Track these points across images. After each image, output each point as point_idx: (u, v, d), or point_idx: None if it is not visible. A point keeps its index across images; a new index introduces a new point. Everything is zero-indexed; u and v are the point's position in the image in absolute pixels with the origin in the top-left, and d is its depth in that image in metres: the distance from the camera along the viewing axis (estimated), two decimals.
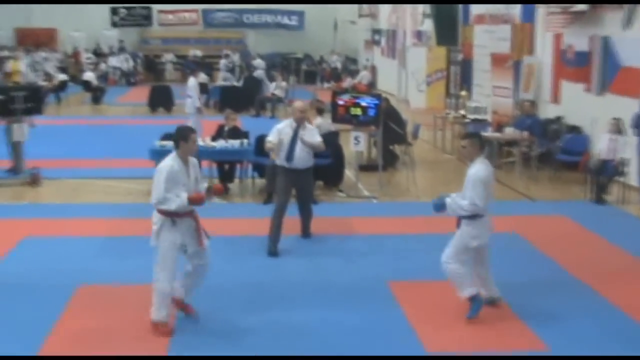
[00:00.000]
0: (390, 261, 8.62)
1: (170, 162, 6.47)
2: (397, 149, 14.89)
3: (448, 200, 6.77)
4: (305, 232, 9.61)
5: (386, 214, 10.95)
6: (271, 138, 9.40)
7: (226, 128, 12.72)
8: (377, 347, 6.29)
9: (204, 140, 12.21)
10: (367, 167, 13.81)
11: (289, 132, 9.15)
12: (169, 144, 11.92)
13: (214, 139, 12.41)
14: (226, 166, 12.41)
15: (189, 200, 6.43)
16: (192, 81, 16.82)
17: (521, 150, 14.13)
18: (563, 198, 12.15)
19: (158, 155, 11.85)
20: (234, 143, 12.12)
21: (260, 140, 12.50)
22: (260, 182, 12.30)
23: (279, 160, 9.23)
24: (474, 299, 6.82)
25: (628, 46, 12.89)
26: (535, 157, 13.94)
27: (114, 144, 16.84)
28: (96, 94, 26.03)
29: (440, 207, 6.81)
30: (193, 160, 6.64)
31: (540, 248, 9.24)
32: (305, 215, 9.57)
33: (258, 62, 30.56)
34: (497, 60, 17.81)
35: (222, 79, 27.42)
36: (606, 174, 11.77)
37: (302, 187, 9.39)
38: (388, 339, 6.45)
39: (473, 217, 6.74)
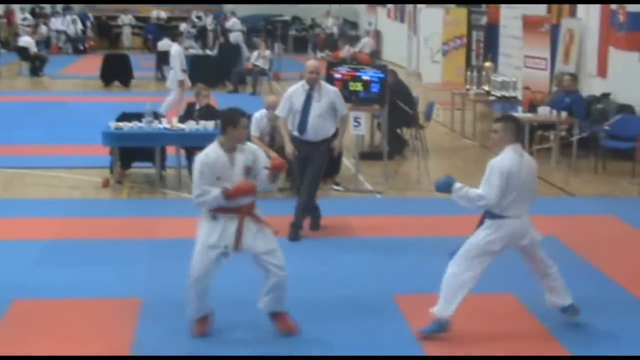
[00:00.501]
0: (398, 270, 8.61)
1: (207, 150, 6.58)
2: (406, 132, 14.89)
3: (458, 184, 6.71)
4: (294, 233, 9.58)
5: (392, 212, 10.96)
6: (278, 112, 9.76)
7: (197, 107, 12.69)
8: None
9: (169, 122, 12.18)
10: (369, 155, 13.81)
11: (300, 97, 9.44)
12: (127, 125, 11.94)
13: (182, 120, 12.38)
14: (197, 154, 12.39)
15: (224, 195, 6.41)
16: (175, 49, 16.83)
17: (559, 134, 14.13)
18: (611, 194, 12.18)
19: (113, 139, 11.87)
20: (207, 125, 12.07)
21: None
22: None
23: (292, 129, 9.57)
24: (438, 322, 6.75)
25: None
26: (576, 143, 13.95)
27: (58, 126, 16.79)
28: (35, 64, 25.95)
29: (444, 186, 6.72)
30: (247, 147, 6.66)
31: (582, 255, 9.25)
32: (300, 205, 9.62)
33: (233, 22, 30.38)
34: (530, 23, 17.80)
35: (185, 47, 27.28)
36: None
37: (310, 163, 9.57)
38: None
39: (492, 216, 6.71)
